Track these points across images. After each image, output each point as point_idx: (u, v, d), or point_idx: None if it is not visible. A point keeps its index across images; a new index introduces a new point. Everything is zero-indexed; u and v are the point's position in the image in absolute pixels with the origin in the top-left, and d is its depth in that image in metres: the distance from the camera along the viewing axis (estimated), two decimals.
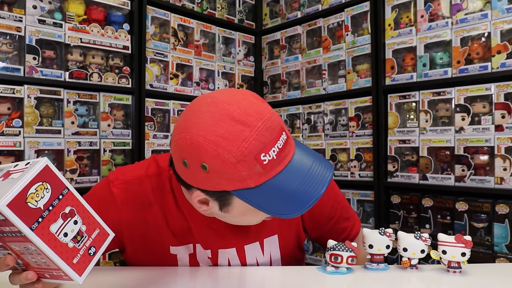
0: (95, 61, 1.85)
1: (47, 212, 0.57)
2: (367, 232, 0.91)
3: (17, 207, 0.54)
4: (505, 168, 1.58)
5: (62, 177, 0.60)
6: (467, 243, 0.83)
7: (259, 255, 0.93)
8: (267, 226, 0.91)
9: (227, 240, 0.89)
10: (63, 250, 0.58)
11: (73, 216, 0.60)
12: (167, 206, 0.87)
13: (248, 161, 0.65)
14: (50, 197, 0.58)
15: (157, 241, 0.88)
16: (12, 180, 0.56)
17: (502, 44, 1.60)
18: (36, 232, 0.55)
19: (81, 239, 0.61)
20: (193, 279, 0.89)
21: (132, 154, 1.96)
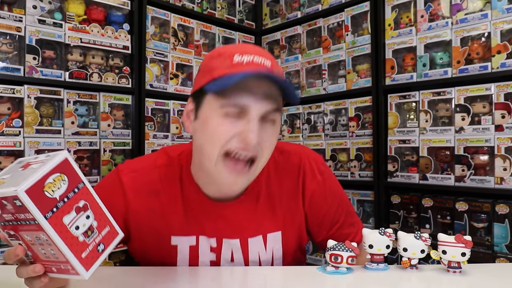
0: (95, 61, 1.85)
1: (62, 203, 0.58)
2: (367, 232, 0.91)
3: (34, 194, 0.55)
4: (505, 168, 1.58)
5: (79, 171, 0.61)
6: (467, 243, 0.83)
7: (261, 251, 0.93)
8: (269, 221, 0.92)
9: (232, 228, 0.90)
10: (74, 243, 0.59)
11: (86, 211, 0.61)
12: (173, 196, 0.88)
13: (223, 56, 0.78)
14: (66, 189, 0.58)
15: (160, 230, 0.88)
16: (32, 170, 0.57)
17: (502, 44, 1.60)
18: (50, 221, 0.56)
19: (91, 234, 0.61)
20: (193, 278, 0.89)
21: (132, 154, 1.96)
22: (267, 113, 0.77)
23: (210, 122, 0.77)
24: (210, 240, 0.90)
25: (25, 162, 0.62)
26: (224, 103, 0.75)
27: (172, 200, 0.88)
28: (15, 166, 0.64)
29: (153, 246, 0.90)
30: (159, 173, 0.90)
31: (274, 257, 0.95)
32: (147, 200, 0.88)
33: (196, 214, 0.89)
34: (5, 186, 0.56)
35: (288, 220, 0.94)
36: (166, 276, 0.87)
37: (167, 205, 0.88)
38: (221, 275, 0.92)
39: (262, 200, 0.92)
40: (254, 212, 0.91)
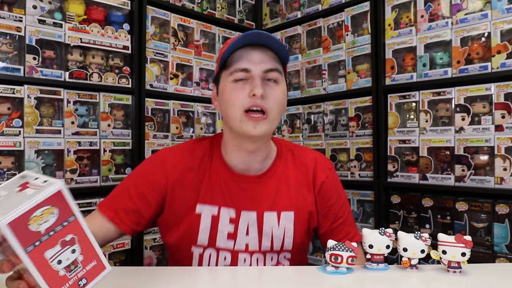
0: (95, 61, 1.85)
1: (47, 237, 0.57)
2: (367, 232, 0.91)
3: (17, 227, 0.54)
4: (505, 168, 1.58)
5: (73, 203, 0.60)
6: (467, 243, 0.83)
7: (275, 226, 1.03)
8: (284, 200, 1.05)
9: (251, 200, 1.03)
10: (52, 277, 0.58)
11: (73, 245, 0.60)
12: (203, 170, 1.04)
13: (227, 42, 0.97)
14: (54, 222, 0.58)
15: (188, 200, 1.01)
16: (24, 196, 0.57)
17: (502, 44, 1.60)
18: (30, 255, 0.55)
19: (74, 269, 0.61)
20: (193, 276, 0.89)
21: (132, 154, 1.96)
22: (266, 72, 0.96)
23: (226, 90, 0.97)
24: (230, 211, 1.02)
25: (24, 180, 0.62)
26: (231, 71, 0.96)
27: (201, 173, 1.03)
28: (16, 181, 0.63)
29: (181, 214, 1.02)
30: (192, 152, 1.06)
31: (285, 234, 1.04)
32: (182, 175, 1.02)
33: (221, 186, 1.03)
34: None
35: (300, 203, 1.06)
36: (169, 276, 0.87)
37: (196, 178, 1.02)
38: (221, 275, 0.92)
39: (279, 181, 1.06)
40: (271, 189, 1.05)
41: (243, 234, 1.01)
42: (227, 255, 1.02)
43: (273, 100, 0.96)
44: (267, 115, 0.95)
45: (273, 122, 0.98)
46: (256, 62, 0.95)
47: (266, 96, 0.94)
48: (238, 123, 0.96)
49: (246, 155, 1.03)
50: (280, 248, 1.04)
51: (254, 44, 0.96)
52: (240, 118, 0.95)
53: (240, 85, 0.95)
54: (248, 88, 0.94)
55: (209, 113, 2.30)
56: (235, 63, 0.96)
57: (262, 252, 1.03)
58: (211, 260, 1.02)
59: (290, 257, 1.06)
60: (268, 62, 0.96)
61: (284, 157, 1.10)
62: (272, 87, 0.97)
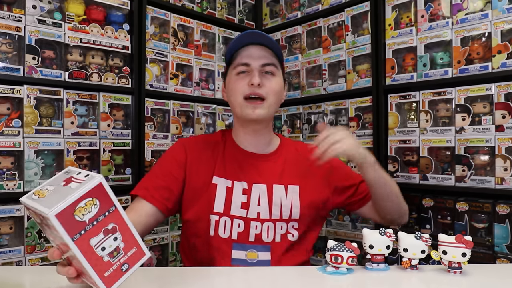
0: (95, 61, 1.85)
1: (91, 226, 0.63)
2: (368, 233, 0.91)
3: (64, 218, 0.59)
4: (505, 168, 1.57)
5: (113, 195, 0.66)
6: (467, 243, 0.83)
7: (283, 196, 1.16)
8: (290, 176, 1.20)
9: (261, 175, 1.18)
10: (98, 263, 0.63)
11: (114, 233, 0.66)
12: (217, 152, 1.21)
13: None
14: (96, 212, 0.63)
15: (206, 172, 1.17)
16: (69, 190, 0.62)
17: (503, 44, 1.60)
18: (76, 243, 0.61)
19: (117, 255, 0.66)
20: (193, 275, 0.89)
21: (132, 154, 1.96)
22: (264, 65, 1.14)
23: (231, 82, 1.17)
24: (243, 184, 1.16)
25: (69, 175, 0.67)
26: (235, 65, 1.16)
27: (215, 153, 1.20)
28: (61, 176, 0.69)
29: (198, 187, 1.16)
30: (207, 138, 1.27)
31: (292, 204, 1.17)
32: (199, 153, 1.20)
33: (233, 162, 1.19)
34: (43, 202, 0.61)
35: (305, 181, 1.20)
36: (166, 277, 0.87)
37: (211, 156, 1.19)
38: (222, 275, 0.92)
39: (285, 162, 1.23)
40: (278, 167, 1.21)
41: (255, 204, 1.14)
42: (240, 223, 1.13)
43: (269, 88, 1.14)
44: (264, 101, 1.13)
45: (270, 108, 1.15)
46: (255, 57, 1.14)
47: (263, 85, 1.13)
48: (240, 108, 1.15)
49: (252, 137, 1.22)
50: (288, 217, 1.16)
51: (254, 43, 1.15)
52: (241, 104, 1.14)
53: (241, 77, 1.15)
54: (248, 78, 1.13)
55: (209, 113, 2.30)
56: (237, 59, 1.16)
57: (273, 221, 1.14)
58: (226, 227, 1.12)
59: (297, 227, 1.17)
60: (265, 57, 1.15)
61: (286, 147, 1.28)
62: (269, 78, 1.15)
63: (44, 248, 1.65)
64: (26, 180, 1.63)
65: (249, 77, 1.13)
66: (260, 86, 1.12)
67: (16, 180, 1.61)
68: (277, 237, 1.14)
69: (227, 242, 1.11)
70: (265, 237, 1.13)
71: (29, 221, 1.61)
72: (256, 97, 1.13)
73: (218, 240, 1.12)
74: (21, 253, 1.59)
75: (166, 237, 2.04)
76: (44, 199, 0.62)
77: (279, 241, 1.14)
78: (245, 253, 1.11)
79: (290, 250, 1.15)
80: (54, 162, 1.73)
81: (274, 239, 1.13)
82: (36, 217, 0.66)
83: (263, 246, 1.12)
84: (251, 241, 1.12)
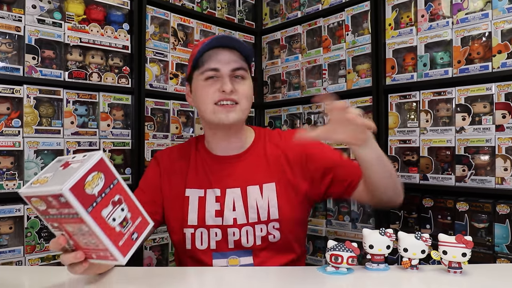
0: (95, 61, 1.85)
1: (100, 198, 0.66)
2: (368, 233, 0.91)
3: (77, 191, 0.62)
4: (506, 168, 1.57)
5: (114, 169, 0.70)
6: (467, 243, 0.83)
7: (258, 198, 1.12)
8: (263, 173, 1.15)
9: (234, 179, 1.14)
10: (112, 233, 0.66)
11: (121, 204, 0.69)
12: (189, 160, 1.19)
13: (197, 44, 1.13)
14: (103, 185, 0.67)
15: (178, 185, 1.16)
16: (72, 169, 0.65)
17: (503, 44, 1.60)
18: (91, 214, 0.64)
19: (126, 225, 0.69)
20: (194, 277, 0.89)
21: (131, 154, 1.96)
22: (234, 70, 1.10)
23: (199, 88, 1.12)
24: (216, 191, 1.13)
25: (64, 161, 0.70)
26: (203, 70, 1.10)
27: (187, 162, 1.18)
28: (54, 165, 0.71)
29: (173, 198, 1.15)
30: (180, 147, 1.25)
31: (269, 204, 1.12)
32: (171, 164, 1.19)
33: (205, 170, 1.15)
34: (49, 184, 0.64)
35: (280, 175, 1.15)
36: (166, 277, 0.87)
37: (184, 166, 1.17)
38: (221, 274, 0.92)
39: (258, 158, 1.18)
40: (251, 166, 1.16)
41: (229, 210, 1.11)
42: (217, 231, 1.10)
43: (241, 94, 1.11)
44: (238, 105, 1.10)
45: (244, 112, 1.13)
46: (224, 62, 1.09)
47: (235, 90, 1.09)
48: (212, 115, 1.10)
49: (224, 141, 1.17)
50: (267, 218, 1.11)
51: (222, 46, 1.10)
52: (213, 110, 1.10)
53: (210, 82, 1.10)
54: (218, 84, 1.09)
55: None
56: (205, 64, 1.10)
57: (251, 224, 1.11)
58: (203, 238, 1.10)
59: (279, 227, 1.12)
60: (235, 62, 1.10)
61: (262, 140, 1.23)
62: (239, 83, 1.12)
63: (44, 248, 1.65)
64: (26, 180, 1.63)
65: (219, 83, 1.09)
66: (233, 92, 1.09)
67: (16, 180, 1.61)
68: (257, 240, 1.10)
69: (206, 252, 1.10)
70: (245, 242, 1.10)
71: (29, 221, 1.61)
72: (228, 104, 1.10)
73: (196, 252, 1.10)
74: (21, 253, 1.59)
75: (166, 237, 2.04)
76: (48, 183, 0.64)
77: (259, 244, 1.10)
78: (226, 260, 1.09)
79: (273, 250, 1.12)
80: None
81: (254, 243, 1.10)
82: (40, 204, 0.67)
83: (244, 251, 1.10)
84: (230, 248, 1.10)
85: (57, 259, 1.68)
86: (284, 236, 1.12)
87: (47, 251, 1.66)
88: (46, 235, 1.67)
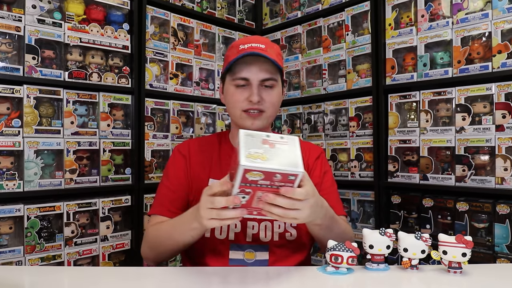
0: (95, 61, 1.85)
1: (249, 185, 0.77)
2: (368, 233, 0.91)
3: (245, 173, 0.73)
4: (505, 168, 1.57)
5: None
6: (467, 243, 0.83)
7: None
8: None
9: None
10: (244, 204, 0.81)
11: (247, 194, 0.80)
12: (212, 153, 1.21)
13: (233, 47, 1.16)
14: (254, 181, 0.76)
15: (203, 174, 1.18)
16: (282, 151, 0.77)
17: (503, 44, 1.60)
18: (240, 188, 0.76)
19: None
20: (193, 277, 0.89)
21: (131, 154, 1.96)
22: (263, 80, 1.12)
23: (229, 92, 1.16)
24: None
25: (261, 138, 0.78)
26: (234, 78, 1.13)
27: (210, 154, 1.21)
28: (252, 140, 0.78)
29: (196, 186, 1.16)
30: (202, 141, 1.27)
31: None
32: (195, 156, 1.21)
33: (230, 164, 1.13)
34: (276, 163, 0.73)
35: None
36: (166, 277, 0.87)
37: (208, 159, 1.20)
38: (221, 275, 0.92)
39: None
40: None
41: None
42: (237, 223, 1.12)
43: (268, 102, 1.14)
44: (263, 113, 1.14)
45: (268, 119, 1.17)
46: (255, 72, 1.11)
47: (262, 99, 1.12)
48: (239, 120, 1.15)
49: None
50: None
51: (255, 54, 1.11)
52: (240, 116, 1.14)
53: (240, 90, 1.13)
54: (248, 93, 1.12)
55: (209, 113, 2.30)
56: (237, 72, 1.12)
57: (270, 220, 1.12)
58: (222, 228, 1.12)
59: (296, 226, 1.15)
60: (265, 72, 1.12)
61: None
62: (268, 91, 1.14)
63: (44, 248, 1.65)
64: (26, 180, 1.63)
65: (248, 91, 1.12)
66: (259, 102, 1.12)
67: (16, 180, 1.61)
68: (275, 236, 1.13)
69: (223, 243, 1.11)
70: (263, 236, 1.12)
71: (29, 221, 1.61)
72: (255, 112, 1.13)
73: (214, 241, 1.12)
74: (20, 253, 1.59)
75: None
76: (271, 161, 0.73)
77: (277, 240, 1.13)
78: (243, 253, 1.11)
79: (289, 249, 1.14)
80: (54, 162, 1.73)
81: (272, 238, 1.13)
82: (258, 176, 0.74)
83: (261, 245, 1.12)
84: (248, 241, 1.12)
85: (57, 259, 1.68)
86: (300, 234, 1.15)
87: (47, 251, 1.66)
88: (46, 235, 1.67)
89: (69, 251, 1.72)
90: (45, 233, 1.67)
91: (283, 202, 0.79)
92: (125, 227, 1.93)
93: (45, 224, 1.67)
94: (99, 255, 1.82)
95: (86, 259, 1.79)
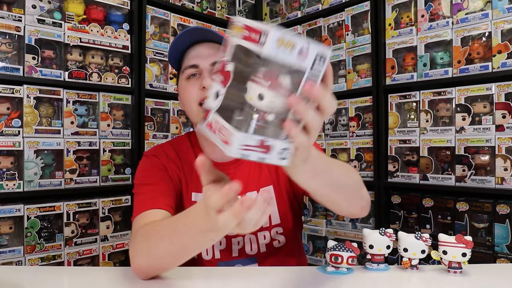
0: (95, 61, 1.85)
1: None
2: (368, 233, 0.91)
3: None
4: (505, 168, 1.57)
5: None
6: (467, 243, 0.83)
7: None
8: (262, 177, 1.07)
9: None
10: None
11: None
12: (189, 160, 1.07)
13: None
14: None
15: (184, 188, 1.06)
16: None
17: (503, 44, 1.60)
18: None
19: None
20: (192, 278, 0.89)
21: (131, 154, 1.96)
22: (214, 64, 0.98)
23: (181, 88, 1.03)
24: None
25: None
26: (183, 69, 1.01)
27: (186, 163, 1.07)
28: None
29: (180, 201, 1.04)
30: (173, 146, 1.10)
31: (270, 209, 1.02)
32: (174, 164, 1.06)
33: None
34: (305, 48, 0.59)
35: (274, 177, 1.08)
36: (166, 276, 0.87)
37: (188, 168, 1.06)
38: (221, 274, 0.92)
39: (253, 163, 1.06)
40: (248, 171, 1.07)
41: None
42: (221, 241, 1.04)
43: None
44: None
45: None
46: (203, 57, 0.99)
47: None
48: (197, 116, 0.99)
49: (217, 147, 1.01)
50: (269, 224, 1.05)
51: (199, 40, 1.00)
52: (197, 111, 0.99)
53: (192, 81, 1.00)
54: (200, 82, 0.98)
55: None
56: (185, 62, 1.01)
57: (253, 233, 1.04)
58: (208, 249, 1.04)
59: (283, 232, 1.07)
60: (214, 54, 0.99)
61: None
62: None
63: (44, 248, 1.65)
64: (26, 180, 1.63)
65: (200, 80, 0.98)
66: None
67: (16, 180, 1.61)
68: (261, 247, 1.06)
69: (211, 262, 1.06)
70: (249, 250, 1.06)
71: (29, 221, 1.61)
72: None
73: (202, 262, 1.07)
74: (20, 253, 1.59)
75: None
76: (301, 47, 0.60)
77: (264, 251, 1.06)
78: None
79: (279, 256, 1.09)
80: (54, 162, 1.73)
81: (258, 250, 1.06)
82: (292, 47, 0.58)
83: (248, 259, 1.06)
84: (235, 256, 1.06)
85: (57, 259, 1.68)
86: (288, 239, 1.08)
87: (47, 251, 1.66)
88: (46, 235, 1.67)
89: (69, 251, 1.72)
90: (45, 233, 1.67)
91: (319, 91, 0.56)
92: (125, 227, 1.93)
93: (45, 224, 1.67)
94: (99, 255, 1.82)
95: (86, 259, 1.79)
